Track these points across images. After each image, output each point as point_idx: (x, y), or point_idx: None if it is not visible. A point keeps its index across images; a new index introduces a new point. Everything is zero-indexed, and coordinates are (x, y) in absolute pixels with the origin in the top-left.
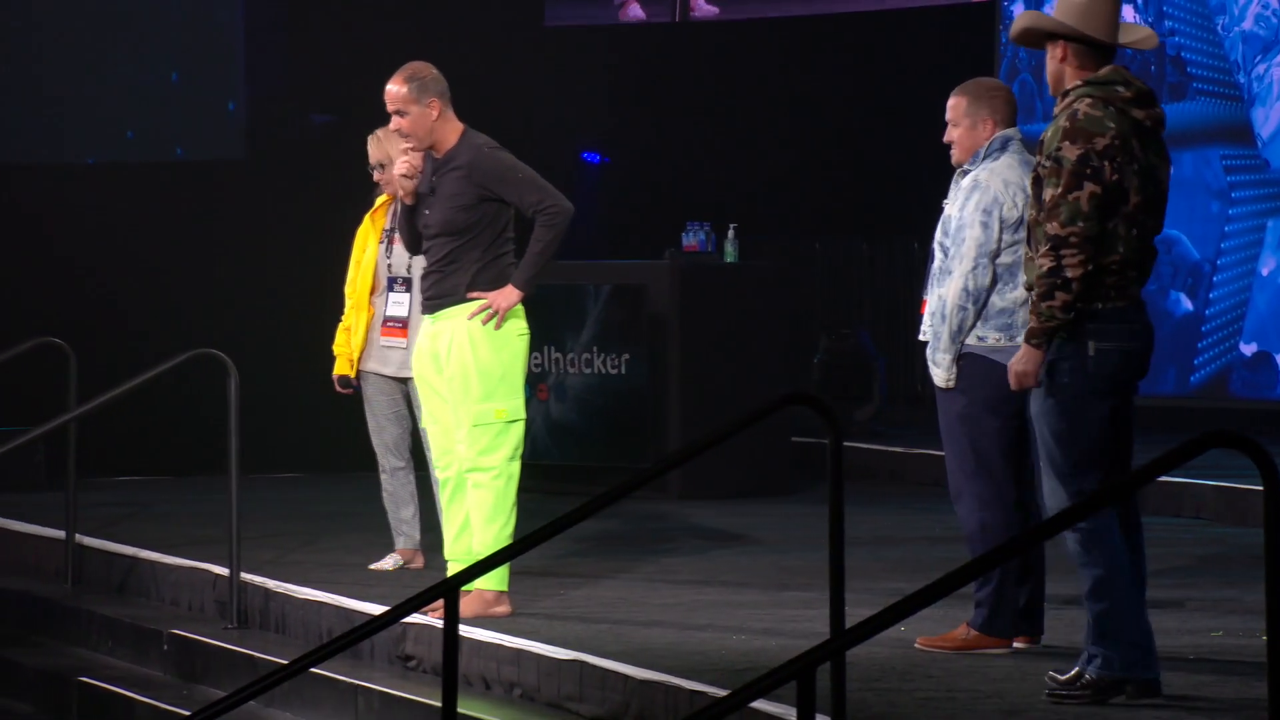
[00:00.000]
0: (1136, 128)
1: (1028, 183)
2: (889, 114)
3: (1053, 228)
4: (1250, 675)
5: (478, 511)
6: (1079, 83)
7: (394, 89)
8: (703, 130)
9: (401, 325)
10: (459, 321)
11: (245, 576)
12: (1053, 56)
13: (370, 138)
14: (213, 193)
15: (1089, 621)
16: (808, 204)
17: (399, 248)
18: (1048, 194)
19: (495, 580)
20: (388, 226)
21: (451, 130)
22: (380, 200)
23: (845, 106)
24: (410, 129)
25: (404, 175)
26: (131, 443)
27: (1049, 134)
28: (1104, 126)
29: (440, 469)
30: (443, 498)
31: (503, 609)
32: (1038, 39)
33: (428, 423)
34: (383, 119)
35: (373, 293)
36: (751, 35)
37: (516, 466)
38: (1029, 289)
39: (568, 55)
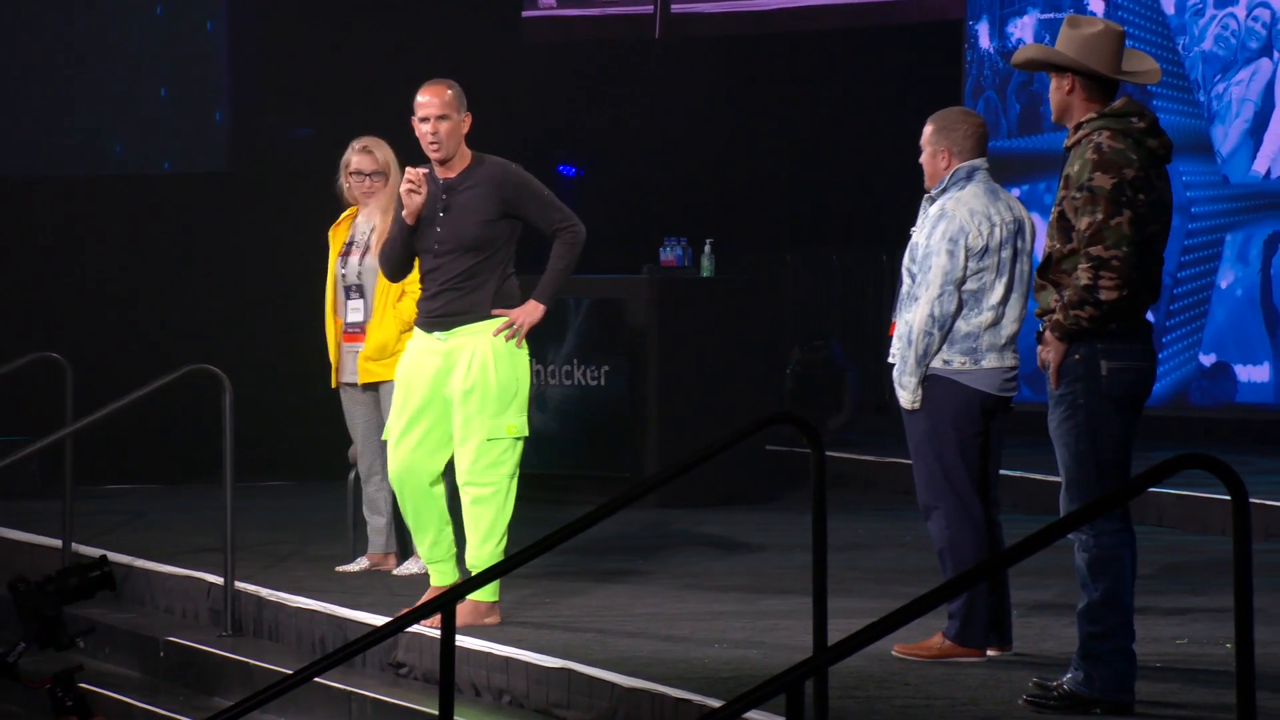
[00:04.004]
0: (1151, 157)
1: (993, 211)
2: (858, 129)
3: (1097, 250)
4: (1216, 683)
5: (477, 527)
6: (1093, 115)
7: (445, 92)
8: (677, 145)
9: (361, 330)
10: (483, 338)
11: (239, 585)
12: (1059, 88)
13: (358, 146)
14: (198, 205)
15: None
16: (778, 217)
17: (353, 257)
18: (1084, 222)
19: (488, 591)
20: (347, 239)
21: (464, 148)
22: (345, 214)
23: (816, 121)
24: (446, 136)
25: (411, 191)
26: (124, 451)
27: (1075, 168)
28: (1129, 158)
29: (399, 480)
30: (408, 507)
31: (493, 619)
32: (1041, 67)
33: (399, 434)
34: (366, 134)
35: (336, 306)
36: (724, 51)
37: (515, 484)
38: (1041, 314)
39: (545, 69)
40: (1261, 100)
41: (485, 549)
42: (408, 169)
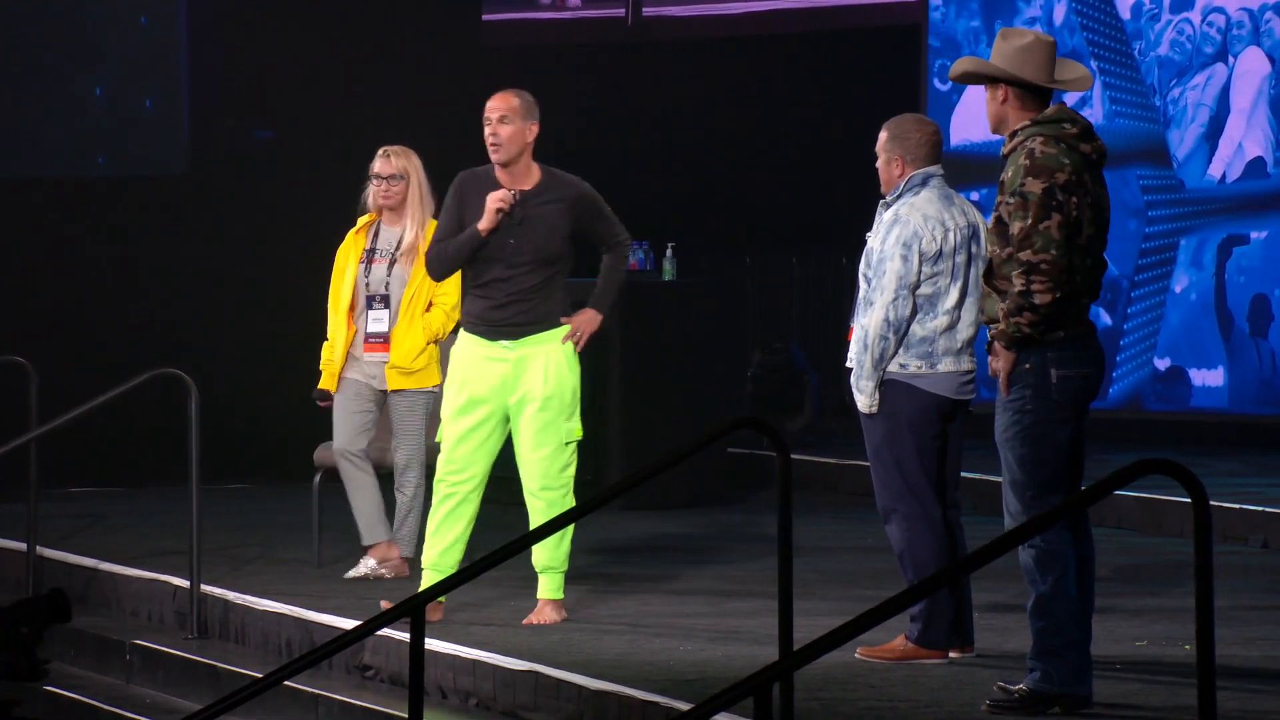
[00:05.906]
0: (1085, 161)
1: (947, 217)
2: (819, 133)
3: (1026, 255)
4: (1176, 684)
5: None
6: (1027, 122)
7: (510, 98)
8: (639, 148)
9: (384, 340)
10: (553, 345)
11: (205, 588)
12: (993, 99)
13: (380, 152)
14: (159, 208)
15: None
16: (739, 220)
17: (378, 266)
18: (1016, 226)
19: (559, 587)
20: (368, 247)
21: (531, 160)
22: (363, 220)
23: (777, 125)
24: (506, 139)
25: (501, 210)
26: (88, 454)
27: (1008, 174)
28: (1060, 163)
29: (452, 483)
30: (443, 509)
31: (563, 613)
32: (976, 80)
33: (457, 439)
34: (327, 136)
35: (352, 310)
36: (686, 56)
37: None
38: (988, 322)
39: (506, 72)
40: (1216, 105)
41: (563, 548)
42: (502, 190)
